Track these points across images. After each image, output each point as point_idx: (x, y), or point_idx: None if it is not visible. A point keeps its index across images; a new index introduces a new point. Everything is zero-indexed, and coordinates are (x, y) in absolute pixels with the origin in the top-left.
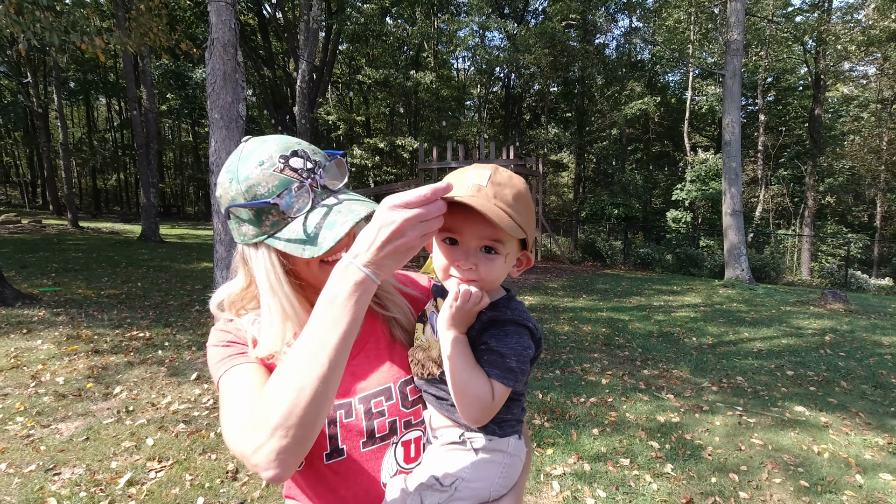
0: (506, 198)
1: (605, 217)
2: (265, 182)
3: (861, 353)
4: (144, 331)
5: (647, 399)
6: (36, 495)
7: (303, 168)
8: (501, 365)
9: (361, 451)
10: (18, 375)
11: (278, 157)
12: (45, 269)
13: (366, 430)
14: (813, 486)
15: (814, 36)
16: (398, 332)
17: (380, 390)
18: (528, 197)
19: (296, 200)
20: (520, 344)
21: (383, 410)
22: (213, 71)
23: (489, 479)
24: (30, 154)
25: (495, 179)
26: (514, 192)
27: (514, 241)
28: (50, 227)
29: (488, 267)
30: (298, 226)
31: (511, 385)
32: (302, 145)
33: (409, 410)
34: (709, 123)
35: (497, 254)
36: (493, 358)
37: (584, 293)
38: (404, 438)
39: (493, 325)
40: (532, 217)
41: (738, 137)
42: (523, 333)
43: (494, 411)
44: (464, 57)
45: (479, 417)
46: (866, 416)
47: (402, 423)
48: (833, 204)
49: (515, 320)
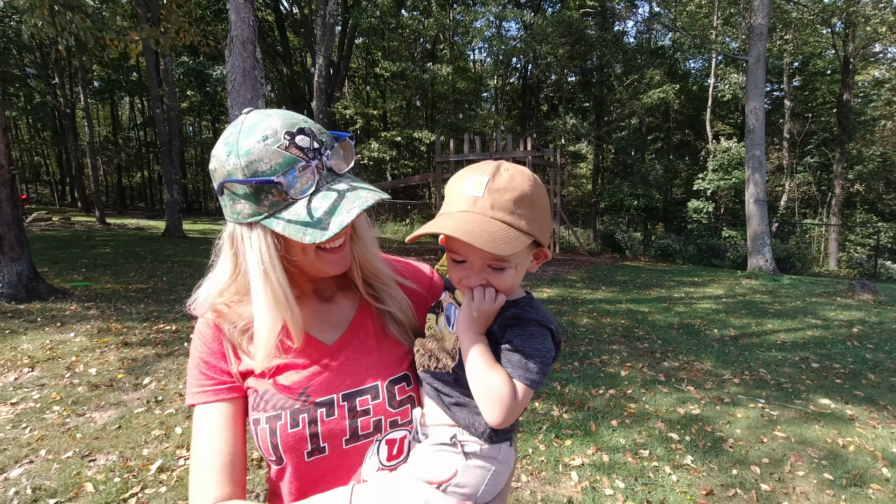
0: (506, 205)
1: (625, 208)
2: (268, 159)
3: (890, 344)
4: (171, 324)
5: (666, 391)
6: (74, 480)
7: (309, 147)
8: (526, 366)
9: (344, 447)
10: (54, 367)
11: (283, 134)
12: (75, 265)
13: (349, 428)
14: (837, 479)
15: (842, 18)
16: (392, 327)
17: (365, 388)
18: (535, 195)
19: (300, 181)
20: (544, 345)
21: (368, 409)
22: (232, 68)
23: (476, 485)
24: (58, 153)
25: (494, 185)
26: (515, 195)
27: (527, 248)
28: (78, 224)
29: (499, 280)
30: (302, 208)
31: (535, 387)
32: (308, 123)
33: (395, 410)
34: (732, 111)
35: (505, 269)
36: (518, 358)
37: (603, 285)
38: (389, 437)
39: (518, 324)
40: (543, 214)
41: (762, 124)
42: (546, 335)
43: (518, 412)
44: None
45: (503, 419)
46: (895, 409)
47: (388, 423)
48: (862, 192)
49: (540, 321)
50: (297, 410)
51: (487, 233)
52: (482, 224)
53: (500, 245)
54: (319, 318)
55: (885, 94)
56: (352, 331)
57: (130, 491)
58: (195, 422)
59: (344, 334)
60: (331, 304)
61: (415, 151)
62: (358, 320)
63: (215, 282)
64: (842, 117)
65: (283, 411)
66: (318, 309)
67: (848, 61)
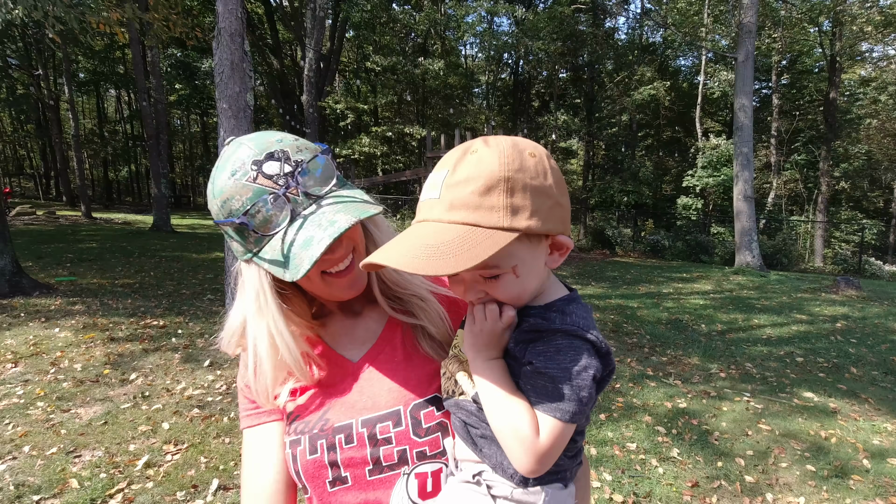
0: (468, 200)
1: (615, 204)
2: (238, 195)
3: (873, 339)
4: (158, 319)
5: (654, 385)
6: (58, 476)
7: (279, 174)
8: (552, 393)
9: (368, 479)
10: (38, 362)
11: (251, 164)
12: (60, 260)
13: (370, 457)
14: (820, 470)
15: (830, 17)
16: (425, 343)
17: (386, 414)
18: (518, 176)
19: (274, 213)
20: (576, 362)
21: (390, 437)
22: (220, 61)
23: None
24: (42, 146)
25: (453, 178)
26: (480, 184)
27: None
28: (64, 219)
29: (497, 290)
30: (278, 243)
31: (568, 420)
32: (283, 143)
33: (422, 440)
34: (721, 108)
35: (500, 277)
36: (541, 383)
37: (593, 281)
38: (418, 470)
39: (540, 338)
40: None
41: (751, 122)
42: (581, 348)
43: (551, 455)
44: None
45: (530, 465)
46: (876, 403)
47: (415, 454)
48: (848, 189)
49: (568, 330)
50: (316, 436)
51: (433, 247)
52: (435, 235)
53: (452, 259)
54: (346, 334)
55: (870, 92)
56: (378, 347)
57: (117, 487)
58: (243, 446)
59: (369, 351)
60: (358, 320)
61: (406, 147)
62: (385, 336)
63: (233, 319)
64: (828, 115)
65: (302, 436)
66: (346, 324)
67: (835, 60)
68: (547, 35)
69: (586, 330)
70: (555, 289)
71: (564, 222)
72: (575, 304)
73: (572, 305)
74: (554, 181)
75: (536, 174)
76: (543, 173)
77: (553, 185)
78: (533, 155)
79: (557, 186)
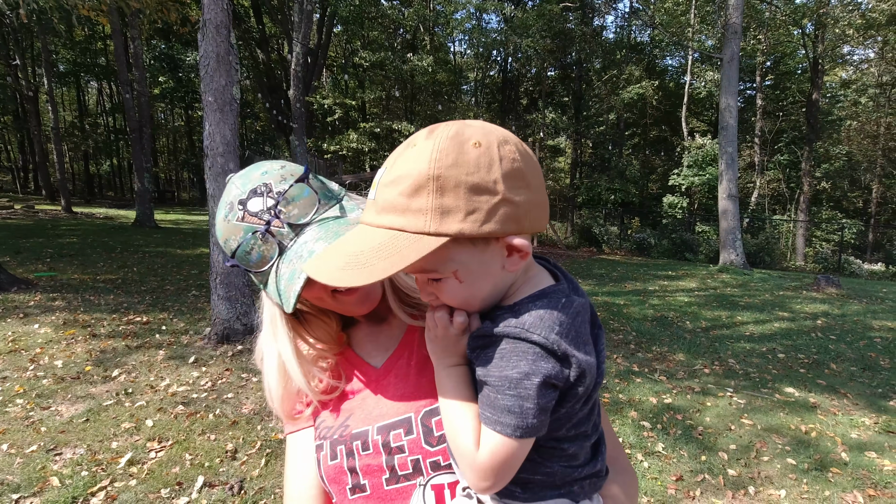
0: (396, 202)
1: (602, 202)
2: (233, 235)
3: (852, 336)
4: (142, 315)
5: (640, 381)
6: (38, 474)
7: (262, 210)
8: (494, 404)
9: (385, 488)
10: (17, 359)
11: (237, 203)
12: (39, 255)
13: (385, 465)
14: (800, 463)
15: (813, 19)
16: None
17: (398, 421)
18: (447, 173)
19: (265, 249)
20: (517, 369)
21: (402, 446)
22: (205, 53)
23: None
24: (20, 138)
25: (386, 177)
26: (408, 184)
27: (462, 248)
28: (43, 213)
29: (443, 293)
30: (272, 277)
31: (506, 433)
32: (268, 174)
33: (434, 448)
34: (707, 108)
35: (442, 280)
36: (486, 393)
37: (580, 278)
38: (434, 481)
39: (487, 344)
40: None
41: (736, 122)
42: (526, 354)
43: (496, 471)
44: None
45: (474, 481)
46: (854, 398)
47: (429, 465)
48: (829, 189)
49: (510, 333)
50: (336, 441)
51: (352, 255)
52: (357, 243)
53: (366, 269)
54: (370, 340)
55: (851, 95)
56: (398, 354)
57: (99, 484)
58: (286, 451)
59: (390, 357)
60: (383, 326)
61: (394, 143)
62: (406, 341)
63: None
64: (810, 117)
65: (324, 441)
66: (371, 331)
67: (817, 62)
68: (536, 32)
69: (533, 331)
70: (531, 285)
71: (519, 221)
72: (542, 300)
73: (538, 302)
74: (504, 173)
75: (477, 168)
76: (487, 166)
77: (501, 178)
78: (478, 145)
79: (509, 179)
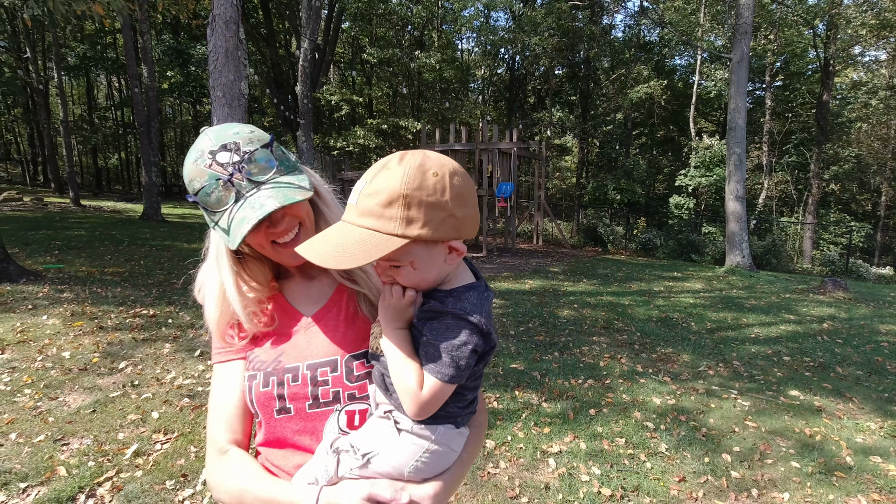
0: (373, 209)
1: (608, 202)
2: (199, 177)
3: (858, 340)
4: (148, 308)
5: (643, 382)
6: (45, 464)
7: (228, 162)
8: (436, 359)
9: (307, 411)
10: (25, 350)
11: (207, 153)
12: (48, 247)
13: (310, 395)
14: (804, 467)
15: (825, 19)
16: (364, 307)
17: (326, 361)
18: (415, 195)
19: (224, 194)
20: (458, 338)
21: (327, 380)
22: (214, 48)
23: (403, 461)
24: (30, 131)
25: (367, 189)
26: (382, 198)
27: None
28: (52, 205)
29: (400, 276)
30: (225, 218)
31: (444, 380)
32: (238, 135)
33: (353, 384)
34: (715, 108)
35: (400, 267)
36: (430, 352)
37: (584, 277)
38: (348, 408)
39: (436, 318)
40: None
41: (744, 123)
42: (462, 328)
43: (431, 405)
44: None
45: (415, 410)
46: (860, 402)
47: (346, 395)
48: (837, 192)
49: (456, 313)
50: (269, 373)
51: (339, 245)
52: (344, 235)
53: (350, 256)
54: (302, 293)
55: (861, 96)
56: (327, 307)
57: (105, 475)
58: (212, 377)
59: (320, 309)
60: (313, 282)
61: (400, 140)
62: (334, 298)
63: (203, 273)
64: (820, 118)
65: (258, 372)
66: (303, 285)
67: (828, 63)
68: (544, 30)
69: (470, 313)
70: (461, 278)
71: (459, 230)
72: (472, 292)
73: (469, 293)
74: (451, 196)
75: (434, 192)
76: (441, 191)
77: (449, 200)
78: (435, 174)
79: (455, 200)
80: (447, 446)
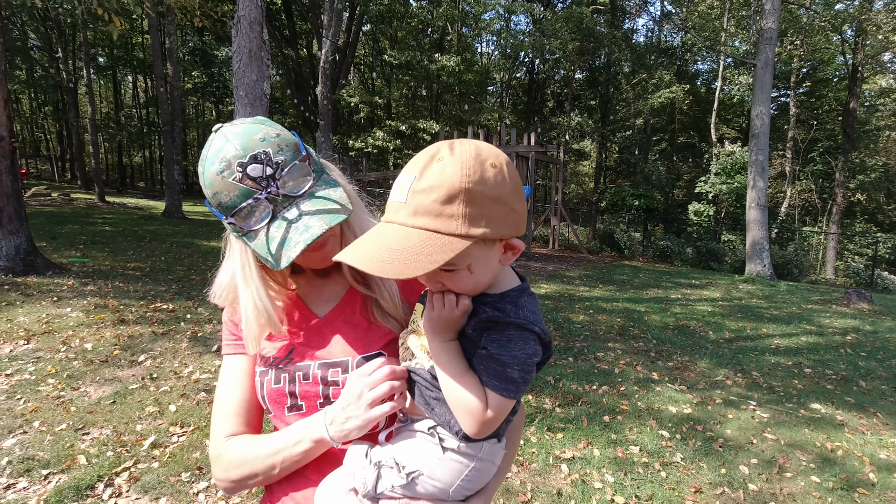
0: (430, 208)
1: (626, 208)
2: (227, 191)
3: (883, 353)
4: (168, 303)
5: (659, 389)
6: (67, 452)
7: (261, 176)
8: (502, 375)
9: (319, 408)
10: (50, 340)
11: (237, 165)
12: (73, 241)
13: (321, 394)
14: (825, 482)
15: (853, 25)
16: (376, 312)
17: (338, 361)
18: (477, 187)
19: (257, 211)
20: (524, 351)
21: (338, 381)
22: (239, 48)
23: (450, 480)
24: (59, 129)
25: (419, 184)
26: (442, 193)
27: (477, 247)
28: (78, 201)
29: (454, 282)
30: (262, 237)
31: (512, 397)
32: (266, 142)
33: None
34: (737, 115)
35: (455, 271)
36: (493, 367)
37: (601, 283)
38: None
39: (495, 328)
40: (497, 205)
41: (767, 130)
42: (529, 339)
43: (494, 423)
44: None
45: (476, 430)
46: (884, 417)
47: None
48: (863, 202)
49: (520, 324)
50: (280, 370)
51: (395, 251)
52: (398, 240)
53: (413, 263)
54: (315, 292)
55: (890, 104)
56: (340, 307)
57: (123, 465)
58: (221, 370)
59: (333, 310)
60: (326, 281)
61: (419, 142)
62: (347, 299)
63: (222, 276)
64: (847, 126)
65: (270, 369)
66: (316, 284)
67: (856, 69)
68: (564, 35)
69: (534, 323)
70: (509, 279)
71: (517, 226)
72: (526, 297)
73: (524, 297)
74: (511, 189)
75: (495, 185)
76: (502, 183)
77: (510, 193)
78: (494, 165)
79: (514, 194)
80: (490, 462)
